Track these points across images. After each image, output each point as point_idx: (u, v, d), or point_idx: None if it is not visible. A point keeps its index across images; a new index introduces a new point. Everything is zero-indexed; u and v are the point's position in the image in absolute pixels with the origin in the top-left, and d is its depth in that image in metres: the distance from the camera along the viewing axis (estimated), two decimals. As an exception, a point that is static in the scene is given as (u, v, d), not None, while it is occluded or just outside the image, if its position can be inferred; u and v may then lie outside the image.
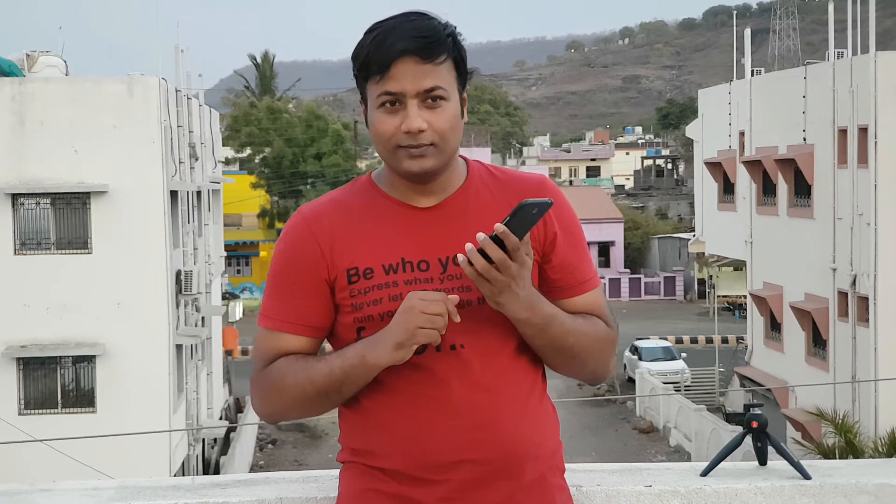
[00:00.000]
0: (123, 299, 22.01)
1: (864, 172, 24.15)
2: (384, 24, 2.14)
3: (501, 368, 2.19)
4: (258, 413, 2.29)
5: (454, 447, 2.14)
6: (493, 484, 2.16)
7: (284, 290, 2.23)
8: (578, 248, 2.27)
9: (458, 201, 2.22)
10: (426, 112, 2.12)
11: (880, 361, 23.59)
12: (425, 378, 2.16)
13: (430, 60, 2.11)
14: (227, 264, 42.99)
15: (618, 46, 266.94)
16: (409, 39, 2.10)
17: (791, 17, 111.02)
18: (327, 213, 2.24)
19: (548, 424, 2.27)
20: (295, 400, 2.19)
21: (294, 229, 2.24)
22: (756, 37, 39.78)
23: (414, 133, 2.11)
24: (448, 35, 2.15)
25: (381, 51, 2.11)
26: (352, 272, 2.19)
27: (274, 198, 54.93)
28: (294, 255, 2.22)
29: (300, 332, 2.22)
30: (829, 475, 2.71)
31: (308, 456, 30.44)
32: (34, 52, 23.91)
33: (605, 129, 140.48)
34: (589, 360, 2.25)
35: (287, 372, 2.19)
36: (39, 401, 22.26)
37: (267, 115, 56.10)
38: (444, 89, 2.12)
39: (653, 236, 65.43)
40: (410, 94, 2.11)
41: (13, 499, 2.65)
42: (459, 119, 2.17)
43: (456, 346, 2.17)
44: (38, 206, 22.10)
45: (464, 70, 2.18)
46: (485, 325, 2.18)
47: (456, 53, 2.16)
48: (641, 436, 32.99)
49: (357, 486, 2.23)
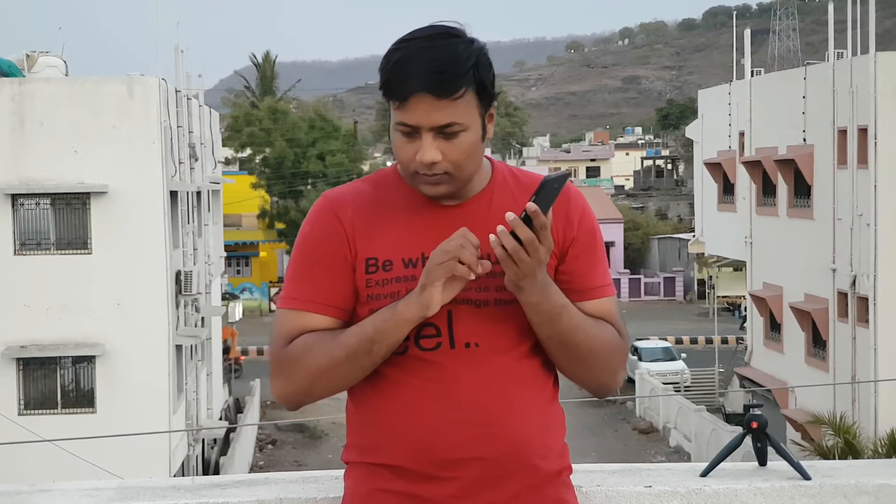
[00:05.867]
0: (123, 299, 22.01)
1: (864, 173, 24.15)
2: (406, 48, 2.12)
3: (514, 368, 2.20)
4: (278, 395, 2.24)
5: (463, 443, 2.14)
6: (501, 482, 2.16)
7: (309, 271, 2.22)
8: (595, 254, 2.28)
9: (481, 202, 2.23)
10: (442, 142, 2.12)
11: (880, 362, 23.59)
12: (437, 374, 2.16)
13: (446, 97, 2.09)
14: (227, 265, 42.99)
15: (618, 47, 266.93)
16: (426, 76, 2.08)
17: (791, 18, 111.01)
18: (351, 200, 2.25)
19: (557, 427, 2.27)
20: (322, 369, 2.16)
21: (320, 212, 2.25)
22: (756, 37, 39.77)
23: (427, 164, 2.12)
24: (471, 66, 2.11)
25: (398, 82, 2.10)
26: (370, 262, 2.20)
27: (274, 198, 54.92)
28: (319, 236, 2.22)
29: (324, 311, 2.21)
30: (829, 476, 2.71)
31: (308, 456, 30.44)
32: (34, 53, 23.90)
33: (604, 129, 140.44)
34: (595, 362, 2.24)
35: (314, 343, 2.18)
36: (39, 401, 22.26)
37: (269, 115, 56.09)
38: (461, 123, 2.12)
39: (653, 237, 65.43)
40: (425, 128, 2.11)
41: (13, 499, 2.65)
42: (478, 145, 2.16)
43: (470, 343, 2.18)
44: (38, 206, 22.10)
45: (488, 93, 2.17)
46: (500, 325, 2.19)
47: (479, 81, 2.13)
48: (641, 436, 32.99)
49: (363, 486, 2.22)
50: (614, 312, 2.29)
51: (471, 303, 2.18)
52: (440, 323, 2.17)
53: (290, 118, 56.98)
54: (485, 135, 2.18)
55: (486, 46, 2.18)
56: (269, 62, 75.78)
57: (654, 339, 42.82)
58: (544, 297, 2.14)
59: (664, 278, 61.31)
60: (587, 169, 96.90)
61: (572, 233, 2.25)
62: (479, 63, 2.14)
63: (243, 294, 50.69)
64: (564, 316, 2.17)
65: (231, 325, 35.86)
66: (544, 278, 2.13)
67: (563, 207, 2.23)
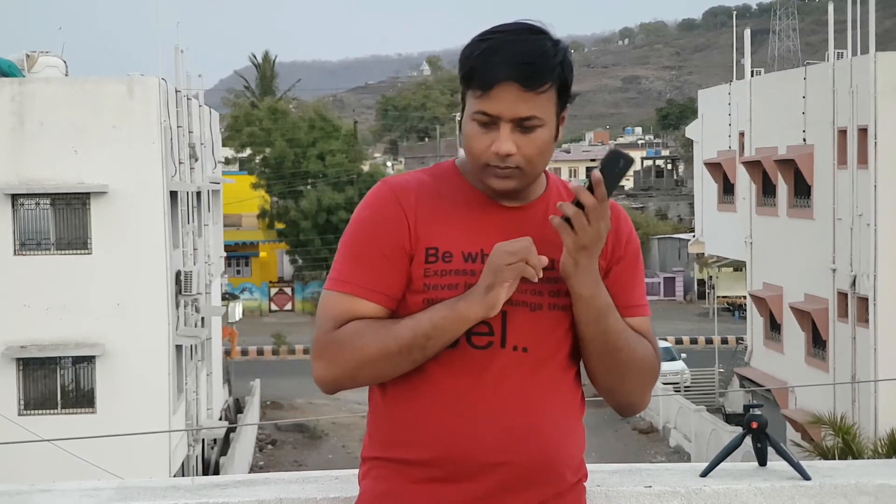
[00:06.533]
0: (123, 300, 22.01)
1: (864, 173, 24.16)
2: (495, 38, 2.13)
3: (556, 376, 2.21)
4: (320, 377, 2.21)
5: (498, 448, 2.14)
6: (529, 488, 2.17)
7: (363, 256, 2.19)
8: (636, 275, 2.30)
9: (538, 207, 2.24)
10: (518, 136, 2.12)
11: (880, 362, 23.59)
12: (482, 374, 2.16)
13: (532, 90, 2.10)
14: (227, 265, 42.97)
15: (617, 47, 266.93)
16: (516, 65, 2.09)
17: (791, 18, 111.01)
18: (414, 189, 2.23)
19: (582, 438, 2.30)
20: (371, 358, 2.14)
21: (381, 197, 2.22)
22: (756, 37, 39.80)
23: (502, 156, 2.12)
24: (557, 62, 2.13)
25: (485, 69, 2.11)
26: (430, 251, 2.18)
27: (274, 198, 54.90)
28: (379, 221, 2.19)
29: (376, 299, 2.18)
30: (829, 476, 2.71)
31: (308, 456, 30.44)
32: (34, 53, 23.90)
33: (604, 129, 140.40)
34: (631, 374, 2.25)
35: (365, 331, 2.15)
36: (39, 401, 22.26)
37: (269, 115, 56.08)
38: (540, 118, 2.12)
39: (653, 237, 65.40)
40: (506, 118, 2.11)
41: (13, 499, 2.65)
42: (551, 143, 2.17)
43: (518, 347, 2.17)
44: (38, 206, 22.11)
45: (568, 94, 2.19)
46: (549, 330, 2.20)
47: (563, 80, 2.15)
48: (641, 436, 33.00)
49: (383, 486, 2.20)
50: (651, 332, 2.31)
51: (526, 305, 2.18)
52: (494, 323, 2.16)
53: (290, 118, 56.96)
54: (557, 135, 2.19)
55: (569, 48, 2.20)
56: (269, 62, 75.85)
57: (653, 338, 42.79)
58: (598, 290, 2.16)
59: (664, 278, 61.30)
60: (587, 169, 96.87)
61: (620, 251, 2.27)
62: (564, 62, 2.16)
63: (243, 294, 50.64)
64: (612, 316, 2.19)
65: (231, 325, 35.83)
66: (598, 273, 2.16)
67: (613, 224, 2.23)
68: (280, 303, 55.24)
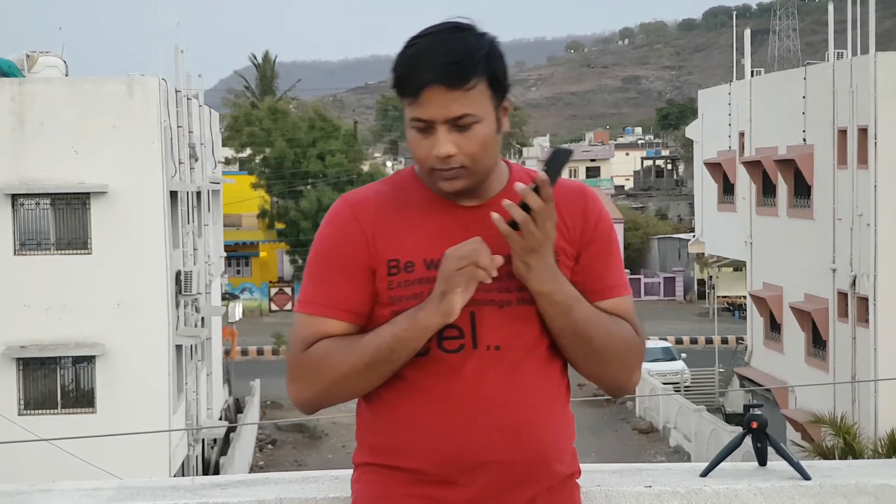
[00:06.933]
0: (123, 300, 22.01)
1: (864, 173, 24.16)
2: (419, 43, 2.12)
3: (535, 370, 2.20)
4: (295, 399, 2.24)
5: (485, 447, 2.14)
6: (519, 486, 2.17)
7: (326, 276, 2.21)
8: (610, 255, 2.28)
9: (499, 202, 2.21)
10: (456, 135, 2.11)
11: (880, 362, 23.59)
12: (460, 376, 2.15)
13: (458, 88, 2.09)
14: (227, 265, 42.97)
15: (617, 47, 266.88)
16: (438, 66, 2.08)
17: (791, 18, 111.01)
18: (372, 202, 2.23)
19: (571, 430, 2.29)
20: (341, 376, 2.16)
21: (339, 215, 2.23)
22: (756, 37, 39.79)
23: (443, 158, 2.12)
24: (482, 56, 2.11)
25: (411, 75, 2.10)
26: (392, 264, 2.18)
27: (274, 198, 54.91)
28: (338, 239, 2.21)
29: (342, 317, 2.19)
30: (829, 476, 2.70)
31: (308, 456, 30.44)
32: (34, 53, 23.90)
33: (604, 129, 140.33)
34: (612, 360, 2.23)
35: (332, 349, 2.17)
36: (39, 401, 22.26)
37: (269, 115, 56.07)
38: (474, 115, 2.11)
39: (653, 237, 65.45)
40: (439, 120, 2.10)
41: (13, 499, 2.65)
42: (493, 136, 2.15)
43: (491, 346, 2.17)
44: (38, 206, 22.10)
45: (501, 85, 2.16)
46: (522, 325, 2.18)
47: (491, 72, 2.13)
48: (641, 436, 32.99)
49: (377, 489, 2.21)
50: (631, 311, 2.28)
51: (493, 303, 2.17)
52: (463, 325, 2.16)
53: (290, 118, 56.95)
54: (500, 127, 2.17)
55: (497, 39, 2.17)
56: (269, 62, 75.76)
57: (654, 339, 42.80)
58: (556, 286, 2.14)
59: (664, 278, 61.31)
60: (587, 169, 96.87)
61: (589, 234, 2.24)
62: (490, 54, 2.13)
63: (243, 294, 50.63)
64: (577, 308, 2.17)
65: (231, 325, 35.83)
66: (554, 267, 2.13)
67: (580, 208, 2.23)
68: (280, 303, 55.24)
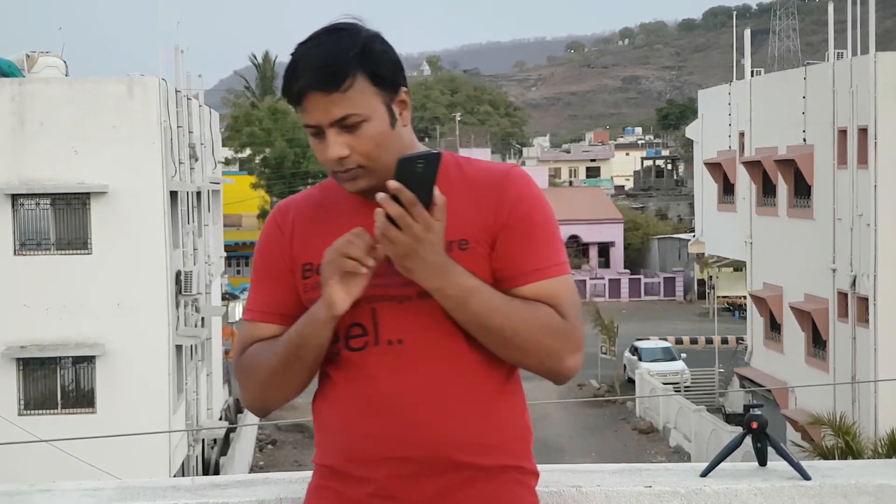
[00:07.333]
0: (123, 300, 22.01)
1: (864, 173, 24.16)
2: (297, 52, 2.14)
3: (443, 363, 2.15)
4: (244, 405, 2.33)
5: (382, 444, 2.14)
6: (423, 480, 2.14)
7: (258, 282, 2.29)
8: (531, 238, 2.18)
9: None
10: (347, 136, 2.11)
11: (880, 362, 23.60)
12: (358, 373, 2.17)
13: (334, 90, 2.08)
14: (227, 265, 43.00)
15: (617, 47, 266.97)
16: (311, 73, 2.08)
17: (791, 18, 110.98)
18: (294, 207, 2.28)
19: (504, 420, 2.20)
20: (266, 378, 2.21)
21: (267, 223, 2.32)
22: (756, 37, 39.78)
23: (336, 161, 2.12)
24: (354, 55, 2.09)
25: (292, 84, 2.12)
26: (306, 267, 2.21)
27: (274, 198, 54.93)
28: (263, 246, 2.29)
29: (271, 319, 2.25)
30: (829, 476, 2.70)
31: (308, 456, 30.43)
32: (34, 53, 23.92)
33: (604, 129, 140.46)
34: (530, 347, 2.14)
35: (257, 353, 2.23)
36: (39, 401, 22.26)
37: (269, 115, 56.08)
38: (358, 114, 2.10)
39: (653, 237, 65.49)
40: (325, 125, 2.11)
41: (13, 499, 2.65)
42: (387, 133, 2.13)
43: (393, 341, 2.15)
44: (38, 206, 22.11)
45: (386, 80, 2.13)
46: (427, 319, 2.14)
47: (369, 69, 2.11)
48: (641, 436, 32.99)
49: (312, 483, 2.30)
50: (559, 294, 2.17)
51: (393, 299, 2.15)
52: (366, 322, 2.15)
53: (290, 118, 56.98)
54: (395, 122, 2.14)
55: (378, 35, 2.15)
56: (269, 62, 75.80)
57: (654, 339, 42.85)
58: (446, 281, 2.08)
59: (664, 278, 61.34)
60: (587, 169, 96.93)
61: (503, 219, 2.16)
62: (365, 51, 2.11)
63: (243, 294, 50.57)
64: (475, 299, 2.10)
65: (231, 325, 35.85)
66: (441, 262, 2.07)
67: (493, 194, 2.17)
68: (280, 303, 55.23)
